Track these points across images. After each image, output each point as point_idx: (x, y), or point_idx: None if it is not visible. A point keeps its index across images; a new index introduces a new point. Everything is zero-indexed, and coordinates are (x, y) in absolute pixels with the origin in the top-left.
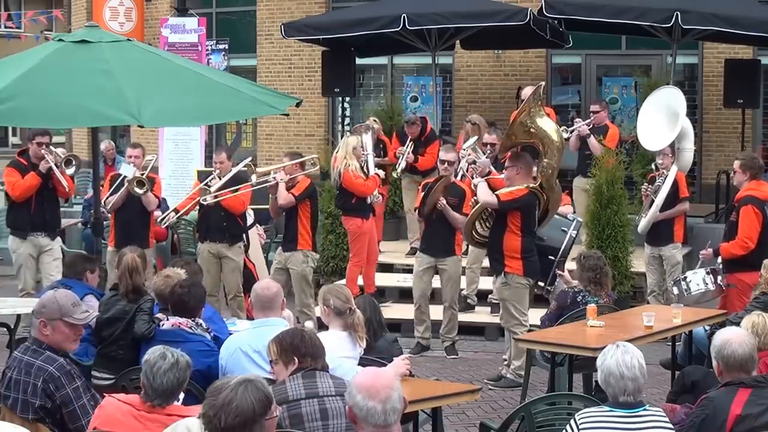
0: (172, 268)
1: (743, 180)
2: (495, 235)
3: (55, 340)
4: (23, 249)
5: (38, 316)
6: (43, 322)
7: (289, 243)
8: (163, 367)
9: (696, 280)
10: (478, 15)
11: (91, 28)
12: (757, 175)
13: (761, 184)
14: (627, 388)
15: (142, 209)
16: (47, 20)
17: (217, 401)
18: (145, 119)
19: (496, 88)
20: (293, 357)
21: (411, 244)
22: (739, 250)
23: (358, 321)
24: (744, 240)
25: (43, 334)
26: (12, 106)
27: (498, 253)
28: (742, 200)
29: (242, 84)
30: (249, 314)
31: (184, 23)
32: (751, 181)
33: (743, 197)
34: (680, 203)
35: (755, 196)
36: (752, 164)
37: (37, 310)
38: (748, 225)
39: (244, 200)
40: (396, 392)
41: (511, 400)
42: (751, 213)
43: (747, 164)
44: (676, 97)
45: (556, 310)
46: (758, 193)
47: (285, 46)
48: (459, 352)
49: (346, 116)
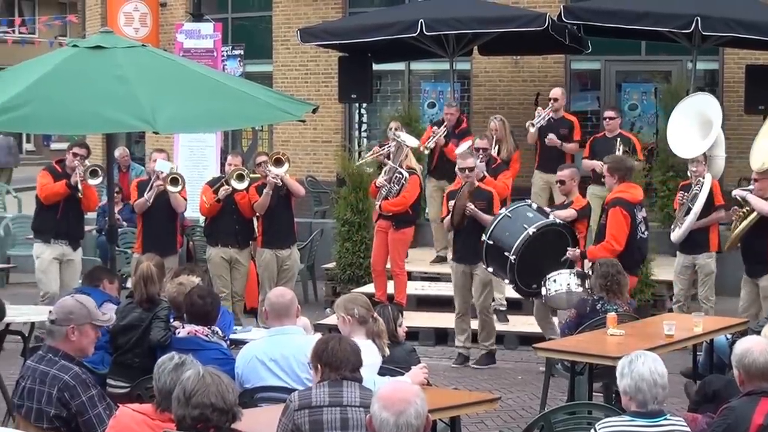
0: (186, 276)
1: (612, 183)
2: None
3: (80, 344)
4: (47, 254)
5: (67, 323)
6: (72, 328)
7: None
8: (168, 367)
9: (559, 281)
10: (497, 20)
11: (106, 33)
12: (626, 177)
13: (631, 186)
14: (658, 395)
15: (169, 215)
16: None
17: (194, 398)
18: (160, 125)
19: (514, 94)
20: (317, 364)
21: (438, 252)
22: (605, 253)
23: (381, 328)
24: (610, 242)
25: (71, 339)
26: (25, 112)
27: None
28: (610, 202)
29: (258, 90)
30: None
31: (199, 29)
32: (621, 183)
33: (612, 199)
34: (716, 211)
35: (624, 198)
36: (620, 166)
37: (62, 317)
38: (616, 227)
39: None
40: (413, 407)
41: (530, 409)
42: (619, 215)
43: (614, 167)
44: (711, 104)
45: (576, 318)
46: (627, 195)
47: (301, 51)
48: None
49: (363, 122)
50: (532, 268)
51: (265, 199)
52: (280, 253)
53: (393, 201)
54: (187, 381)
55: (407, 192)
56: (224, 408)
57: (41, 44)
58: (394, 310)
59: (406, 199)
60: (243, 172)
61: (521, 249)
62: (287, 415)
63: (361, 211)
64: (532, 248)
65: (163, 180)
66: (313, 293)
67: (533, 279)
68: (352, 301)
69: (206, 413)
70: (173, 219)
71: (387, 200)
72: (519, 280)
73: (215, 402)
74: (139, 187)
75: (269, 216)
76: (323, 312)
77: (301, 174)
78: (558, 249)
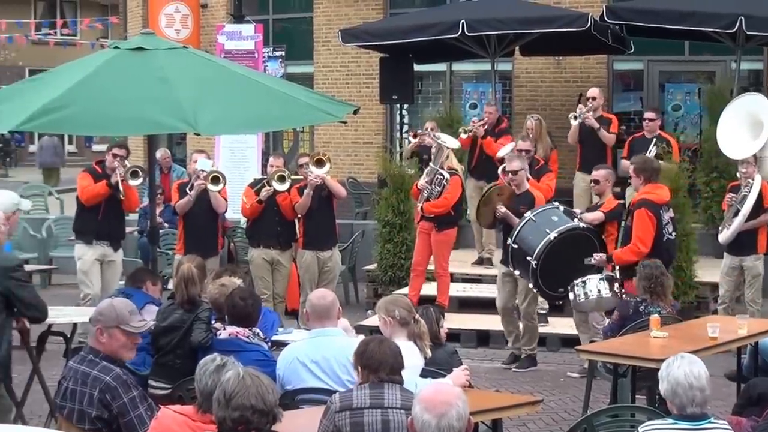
0: (228, 277)
1: (638, 184)
2: None
3: (111, 348)
4: (89, 255)
5: (95, 324)
6: (100, 329)
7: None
8: (210, 368)
9: (589, 286)
10: (538, 21)
11: (147, 35)
12: (652, 178)
13: (657, 187)
14: (695, 398)
15: (210, 216)
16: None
17: (234, 400)
18: (202, 127)
19: (556, 95)
20: (357, 366)
21: (479, 253)
22: (632, 256)
23: (423, 330)
24: (636, 244)
25: (100, 341)
26: (67, 113)
27: None
28: (636, 204)
29: (299, 91)
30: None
31: (240, 30)
32: (646, 184)
33: (637, 201)
34: (765, 213)
35: (649, 200)
36: (645, 167)
37: (94, 317)
38: (642, 229)
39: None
40: (455, 410)
41: (573, 412)
42: (645, 216)
43: (640, 167)
44: (762, 105)
45: (619, 320)
46: (653, 197)
47: (342, 52)
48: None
49: (404, 124)
50: (557, 272)
51: (306, 199)
52: (322, 255)
53: (435, 202)
54: (227, 382)
55: (449, 193)
56: (264, 409)
57: (83, 46)
58: (437, 311)
59: (448, 200)
60: (284, 173)
61: (542, 254)
62: (328, 417)
63: (403, 213)
64: (555, 253)
65: (204, 179)
66: (354, 295)
67: (558, 283)
68: (393, 302)
69: (246, 415)
70: (214, 220)
71: (429, 202)
72: (543, 285)
73: (255, 404)
74: (179, 188)
75: (310, 217)
76: (364, 313)
77: (342, 175)
78: (584, 253)
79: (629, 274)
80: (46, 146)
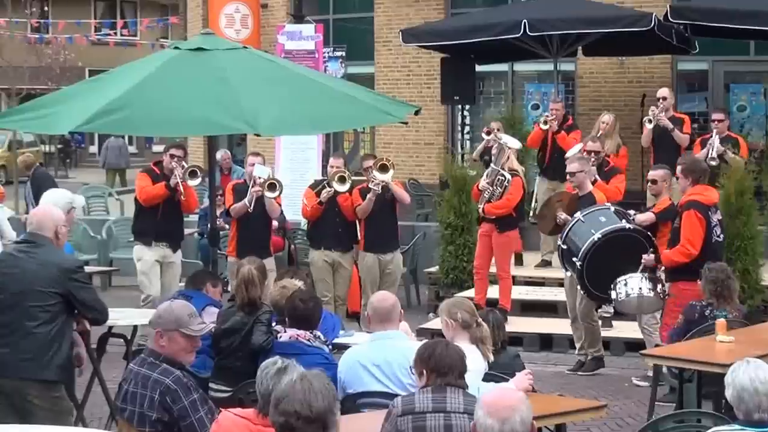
0: (289, 279)
1: (686, 185)
2: None
3: (171, 351)
4: (149, 256)
5: (155, 327)
6: (159, 332)
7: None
8: (270, 371)
9: (631, 285)
10: (601, 21)
11: (207, 35)
12: (701, 179)
13: (705, 188)
14: (762, 404)
15: (265, 220)
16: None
17: (281, 405)
18: (262, 128)
19: (619, 95)
20: (422, 369)
21: (543, 256)
22: (681, 257)
23: (485, 334)
24: (685, 246)
25: (160, 344)
26: (127, 114)
27: None
28: (684, 205)
29: (360, 92)
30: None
31: (300, 30)
32: (695, 185)
33: (685, 202)
34: None
35: (698, 201)
36: (694, 168)
37: (153, 320)
38: (690, 230)
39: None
40: (519, 414)
41: (637, 417)
42: (693, 218)
43: (689, 168)
44: None
45: (684, 324)
46: (702, 198)
47: (403, 53)
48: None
49: (465, 125)
50: (604, 273)
51: (368, 204)
52: (383, 258)
53: (496, 203)
54: (280, 386)
55: (510, 194)
56: (309, 416)
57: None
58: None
59: (510, 202)
60: (345, 174)
61: (587, 254)
62: (390, 421)
63: (464, 215)
64: (601, 254)
65: (261, 185)
66: (415, 297)
67: (606, 285)
68: (456, 305)
69: (291, 421)
70: (268, 224)
71: (490, 203)
72: (591, 286)
73: (299, 410)
74: (235, 190)
75: (372, 220)
76: (426, 317)
77: (403, 177)
78: (634, 254)
79: (676, 277)
80: (111, 147)
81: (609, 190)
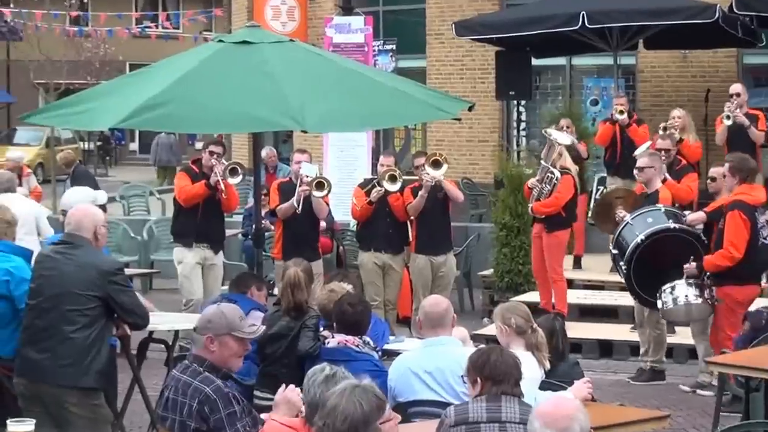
0: (337, 282)
1: (733, 184)
2: None
3: (221, 356)
4: (190, 258)
5: (204, 332)
6: (210, 338)
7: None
8: (318, 379)
9: (677, 292)
10: (663, 12)
11: (253, 28)
12: (748, 178)
13: (753, 188)
14: None
15: (312, 220)
16: (206, 20)
17: (324, 409)
18: (309, 124)
19: (682, 90)
20: (476, 377)
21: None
22: (724, 261)
23: (541, 340)
24: (728, 249)
25: (210, 350)
26: (169, 110)
27: None
28: (729, 205)
29: (411, 87)
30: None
31: (349, 23)
32: (742, 184)
33: (731, 202)
34: None
35: (744, 201)
36: (742, 166)
37: (202, 325)
38: (735, 232)
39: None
40: (577, 424)
41: (701, 427)
42: (738, 219)
43: (737, 166)
44: None
45: (750, 331)
46: (748, 198)
47: (456, 46)
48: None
49: (521, 121)
50: (652, 277)
51: (420, 201)
52: (435, 260)
53: (544, 202)
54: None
55: (559, 192)
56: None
57: (185, 40)
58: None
59: (558, 200)
60: (396, 173)
61: (632, 257)
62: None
63: (520, 215)
64: (647, 256)
65: (309, 184)
66: (469, 302)
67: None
68: (510, 310)
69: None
70: (316, 225)
71: (538, 201)
72: (640, 290)
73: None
74: (280, 189)
75: (424, 220)
76: (480, 322)
77: (456, 176)
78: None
79: (721, 281)
80: (162, 144)
81: (681, 189)
